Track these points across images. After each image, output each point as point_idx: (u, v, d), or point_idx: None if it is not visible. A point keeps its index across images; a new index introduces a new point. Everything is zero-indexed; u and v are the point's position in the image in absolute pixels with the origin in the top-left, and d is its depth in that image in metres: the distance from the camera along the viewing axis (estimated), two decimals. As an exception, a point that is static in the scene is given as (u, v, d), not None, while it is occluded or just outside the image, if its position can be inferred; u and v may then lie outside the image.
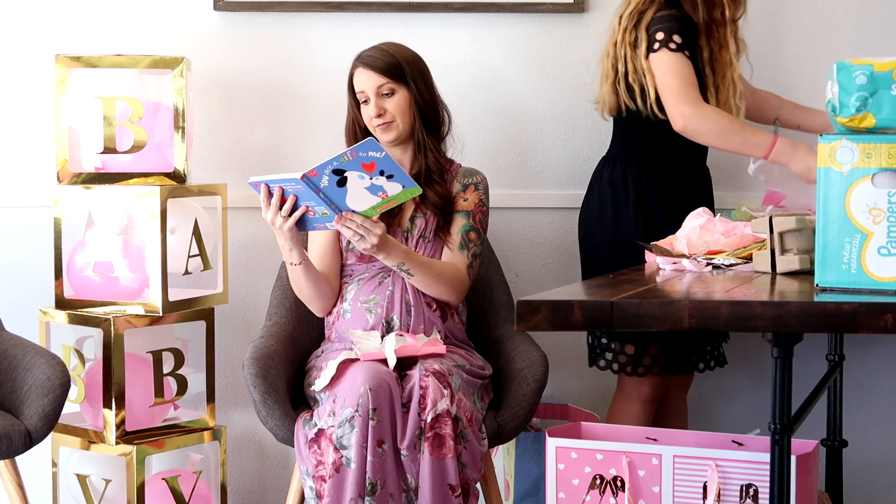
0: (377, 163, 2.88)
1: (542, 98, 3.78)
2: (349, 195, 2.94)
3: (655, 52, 3.29)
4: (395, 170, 2.90)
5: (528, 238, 3.82)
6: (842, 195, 2.39)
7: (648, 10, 3.32)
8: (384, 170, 2.89)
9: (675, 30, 3.29)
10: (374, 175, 2.90)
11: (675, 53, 3.28)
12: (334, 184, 2.91)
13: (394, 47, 3.30)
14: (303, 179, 2.90)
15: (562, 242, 3.81)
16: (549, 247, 3.82)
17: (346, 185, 2.92)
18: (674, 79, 3.28)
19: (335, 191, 2.93)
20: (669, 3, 3.34)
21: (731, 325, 2.28)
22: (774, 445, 2.42)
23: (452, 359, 3.13)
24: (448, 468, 2.95)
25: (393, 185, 2.93)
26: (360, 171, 2.89)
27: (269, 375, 3.10)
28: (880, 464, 3.85)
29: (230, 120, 3.78)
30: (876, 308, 2.23)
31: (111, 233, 3.48)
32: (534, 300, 2.31)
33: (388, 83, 3.25)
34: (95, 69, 3.45)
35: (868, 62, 2.43)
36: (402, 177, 2.92)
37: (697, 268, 2.82)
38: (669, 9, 3.33)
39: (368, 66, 3.25)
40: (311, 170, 2.89)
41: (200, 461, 3.60)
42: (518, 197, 3.79)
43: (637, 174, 3.39)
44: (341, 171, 2.89)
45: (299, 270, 3.17)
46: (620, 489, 2.96)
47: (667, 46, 3.28)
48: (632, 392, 3.45)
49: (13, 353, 3.23)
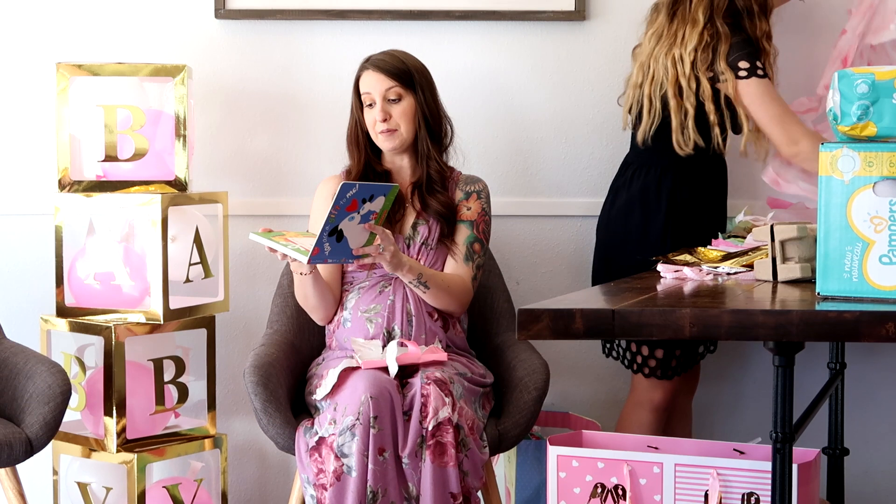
0: (356, 198, 2.90)
1: (544, 105, 3.78)
2: (350, 241, 2.97)
3: (745, 79, 3.29)
4: (369, 188, 2.92)
5: (530, 246, 3.81)
6: (843, 204, 2.40)
7: (721, 42, 3.30)
8: (363, 197, 2.91)
9: (756, 55, 3.30)
10: (360, 209, 2.93)
11: (764, 80, 3.29)
12: (335, 244, 2.94)
13: (403, 54, 3.30)
14: (309, 264, 2.95)
15: (563, 250, 3.81)
16: (550, 255, 3.81)
17: (344, 237, 2.95)
18: (775, 105, 3.29)
19: (338, 248, 2.96)
20: (734, 29, 3.33)
21: (733, 333, 2.28)
22: (776, 454, 2.42)
23: (454, 367, 3.13)
24: (449, 476, 2.94)
25: (377, 202, 2.96)
26: (347, 216, 2.92)
27: (269, 383, 3.10)
28: (882, 472, 3.85)
29: (231, 128, 3.78)
30: (877, 317, 2.23)
31: (112, 241, 3.48)
32: (535, 308, 2.31)
33: (396, 87, 3.25)
34: (97, 77, 3.45)
35: (869, 71, 2.43)
36: (378, 189, 2.94)
37: (699, 276, 2.82)
38: (739, 33, 3.32)
39: (378, 68, 3.25)
40: (312, 250, 2.92)
41: (201, 469, 3.60)
42: (520, 205, 3.79)
43: (672, 181, 3.37)
44: (335, 230, 2.91)
45: (308, 280, 3.17)
46: (622, 497, 2.96)
47: (756, 74, 3.29)
48: (643, 398, 3.45)
49: (14, 360, 3.23)
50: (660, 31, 3.38)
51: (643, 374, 3.41)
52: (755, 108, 3.31)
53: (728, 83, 3.30)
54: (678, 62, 3.33)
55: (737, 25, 3.34)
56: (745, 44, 3.31)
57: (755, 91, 3.30)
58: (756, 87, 3.30)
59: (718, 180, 3.45)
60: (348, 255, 2.99)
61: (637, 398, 3.47)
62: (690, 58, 3.31)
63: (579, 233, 3.78)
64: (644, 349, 3.39)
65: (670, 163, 3.37)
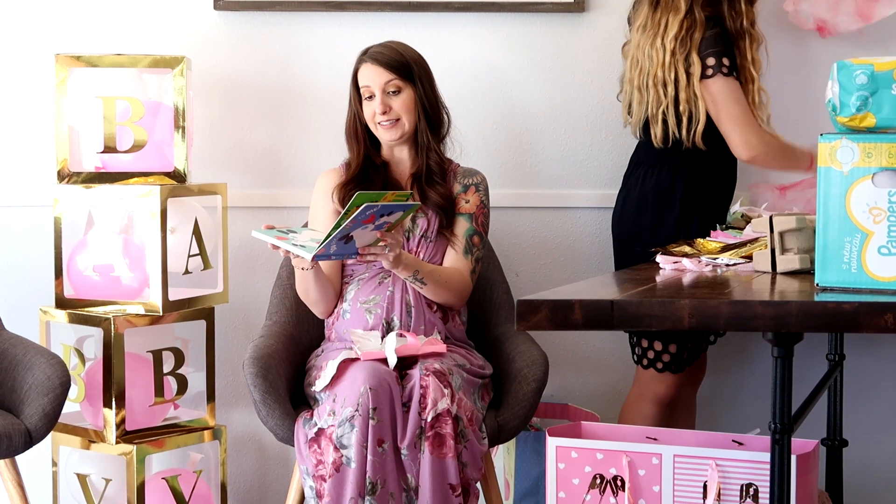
0: (374, 213, 2.90)
1: (543, 97, 3.78)
2: (358, 241, 2.98)
3: (709, 77, 3.28)
4: (391, 207, 2.91)
5: (529, 237, 3.81)
6: (842, 195, 2.40)
7: (696, 31, 3.29)
8: (382, 213, 2.91)
9: (725, 52, 3.28)
10: (376, 221, 2.93)
11: (728, 78, 3.27)
12: (342, 245, 2.95)
13: (401, 46, 3.30)
14: (313, 261, 2.96)
15: (562, 242, 3.81)
16: (549, 246, 3.81)
17: (353, 239, 2.95)
18: (736, 107, 3.28)
19: (344, 247, 2.97)
20: (711, 20, 3.32)
21: (732, 324, 2.29)
22: (775, 445, 2.42)
23: (453, 358, 3.13)
24: (448, 467, 2.95)
25: (394, 215, 2.95)
26: (361, 227, 2.92)
27: (269, 375, 3.10)
28: (880, 463, 3.85)
29: (230, 119, 3.78)
30: (876, 307, 2.23)
31: (111, 232, 3.48)
32: (534, 299, 2.31)
33: (396, 80, 3.24)
34: (96, 68, 3.45)
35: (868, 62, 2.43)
36: (400, 208, 2.93)
37: (698, 267, 2.82)
38: (714, 27, 3.30)
39: (377, 61, 3.25)
40: (318, 249, 2.92)
41: (200, 460, 3.60)
42: (519, 196, 3.78)
43: (686, 178, 3.36)
44: (347, 236, 2.92)
45: (309, 275, 3.17)
46: (620, 489, 2.96)
47: (720, 72, 3.27)
48: (646, 390, 3.44)
49: (13, 352, 3.23)
50: (644, 22, 3.37)
51: (656, 368, 3.40)
52: (716, 106, 3.29)
53: (694, 76, 3.29)
54: (660, 51, 3.32)
55: (717, 15, 3.33)
56: (717, 39, 3.28)
57: (717, 89, 3.28)
58: (719, 86, 3.27)
59: (729, 177, 3.44)
60: (353, 253, 3.00)
61: (640, 390, 3.47)
62: (671, 46, 3.30)
63: (579, 224, 3.78)
64: (657, 344, 3.38)
65: (680, 157, 3.36)
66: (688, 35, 3.29)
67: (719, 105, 3.28)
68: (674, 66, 3.30)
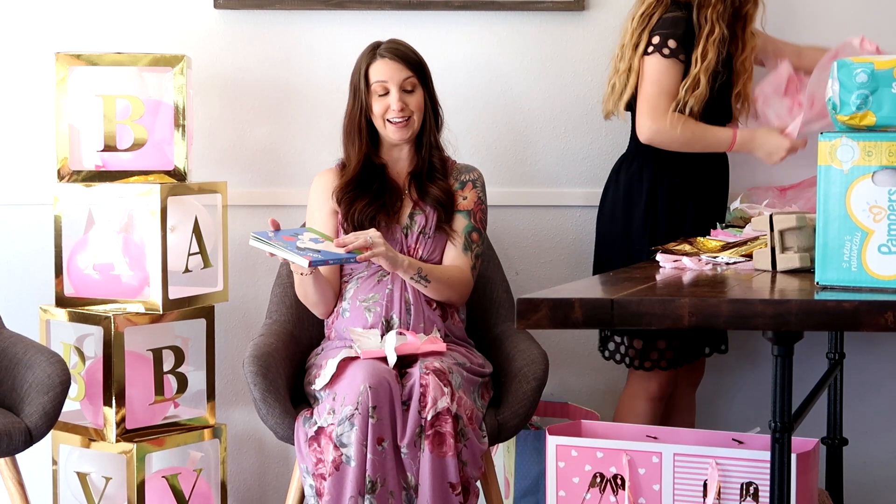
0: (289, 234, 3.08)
1: (543, 96, 3.78)
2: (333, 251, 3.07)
3: (649, 54, 3.30)
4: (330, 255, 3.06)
5: (528, 236, 3.81)
6: (842, 193, 2.40)
7: (656, 12, 3.32)
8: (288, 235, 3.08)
9: (672, 35, 3.28)
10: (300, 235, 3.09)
11: (665, 60, 3.28)
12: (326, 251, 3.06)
13: (408, 45, 3.30)
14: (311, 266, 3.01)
15: (562, 240, 3.81)
16: (549, 244, 3.81)
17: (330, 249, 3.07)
18: (653, 87, 3.29)
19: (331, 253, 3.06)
20: (676, 5, 3.33)
21: (732, 323, 2.29)
22: (775, 443, 2.42)
23: (453, 357, 3.13)
24: (448, 466, 2.95)
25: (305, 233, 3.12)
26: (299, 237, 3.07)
27: (269, 373, 3.10)
28: (880, 462, 3.85)
29: (230, 118, 3.78)
30: (876, 306, 2.23)
31: (111, 231, 3.48)
32: (534, 298, 2.31)
33: (412, 78, 3.24)
34: (96, 67, 3.45)
35: (868, 60, 2.43)
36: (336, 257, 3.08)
37: (698, 266, 2.82)
38: (676, 11, 3.32)
39: (396, 57, 3.24)
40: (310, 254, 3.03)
41: (200, 459, 3.60)
42: (518, 195, 3.78)
43: (653, 174, 3.37)
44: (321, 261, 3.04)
45: (308, 280, 3.17)
46: (620, 487, 2.96)
47: (660, 52, 3.29)
48: (639, 389, 3.45)
49: (13, 350, 3.23)
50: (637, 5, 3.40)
51: (644, 368, 3.40)
52: (643, 82, 3.31)
53: (638, 51, 3.32)
54: (628, 24, 3.37)
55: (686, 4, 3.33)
56: (672, 22, 3.30)
57: (649, 67, 3.30)
58: (651, 64, 3.30)
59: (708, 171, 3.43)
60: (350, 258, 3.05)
61: (633, 389, 3.47)
62: (635, 23, 3.34)
63: (578, 222, 3.78)
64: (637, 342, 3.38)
65: (650, 153, 3.37)
66: (651, 12, 3.32)
67: (643, 83, 3.31)
68: (633, 41, 3.33)
